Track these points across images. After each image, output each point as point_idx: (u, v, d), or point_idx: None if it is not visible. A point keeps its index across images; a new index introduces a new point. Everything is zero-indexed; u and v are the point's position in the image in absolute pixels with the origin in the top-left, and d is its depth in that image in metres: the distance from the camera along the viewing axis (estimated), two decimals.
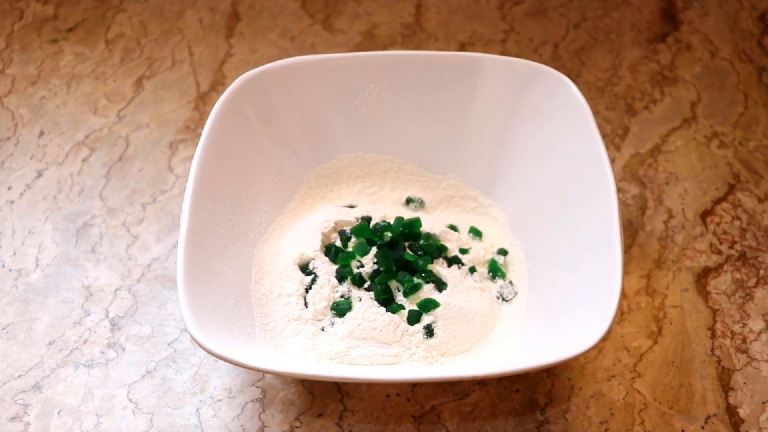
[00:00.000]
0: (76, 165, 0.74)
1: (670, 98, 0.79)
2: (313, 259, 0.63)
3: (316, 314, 0.61)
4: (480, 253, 0.65)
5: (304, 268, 0.63)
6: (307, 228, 0.65)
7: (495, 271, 0.64)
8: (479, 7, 0.86)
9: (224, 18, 0.86)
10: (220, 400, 0.61)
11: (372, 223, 0.65)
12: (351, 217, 0.65)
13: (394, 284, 0.62)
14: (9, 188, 0.73)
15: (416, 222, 0.64)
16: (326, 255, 0.63)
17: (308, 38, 0.84)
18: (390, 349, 0.59)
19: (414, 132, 0.69)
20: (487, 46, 0.83)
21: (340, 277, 0.62)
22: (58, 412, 0.61)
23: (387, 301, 0.61)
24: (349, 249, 0.64)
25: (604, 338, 0.53)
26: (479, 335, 0.61)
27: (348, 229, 0.64)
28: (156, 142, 0.76)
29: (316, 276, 0.62)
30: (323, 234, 0.64)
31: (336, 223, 0.65)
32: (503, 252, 0.65)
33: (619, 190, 0.65)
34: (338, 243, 0.64)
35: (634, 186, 0.72)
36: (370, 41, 0.83)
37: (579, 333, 0.54)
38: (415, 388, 0.61)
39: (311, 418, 0.60)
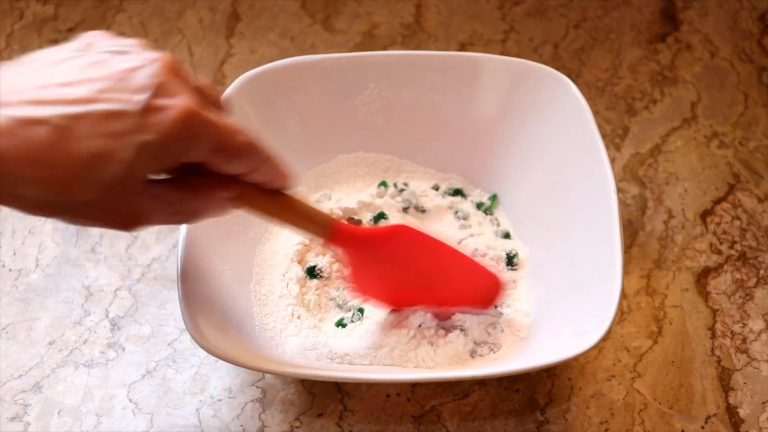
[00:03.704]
0: None
1: (670, 98, 0.79)
2: (315, 257, 0.63)
3: (316, 314, 0.61)
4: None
5: (309, 270, 0.63)
6: None
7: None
8: (479, 7, 0.86)
9: (224, 18, 0.86)
10: (220, 400, 0.61)
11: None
12: (354, 204, 0.66)
13: None
14: None
15: None
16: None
17: (308, 38, 0.84)
18: (390, 350, 0.59)
19: (414, 132, 0.69)
20: (487, 46, 0.83)
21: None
22: (58, 412, 0.61)
23: None
24: None
25: (604, 338, 0.53)
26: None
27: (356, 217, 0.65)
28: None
29: (317, 276, 0.62)
30: None
31: (343, 211, 0.65)
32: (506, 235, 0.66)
33: (619, 190, 0.65)
34: None
35: (634, 186, 0.72)
36: (370, 41, 0.83)
37: (579, 333, 0.54)
38: (415, 388, 0.61)
39: (311, 418, 0.60)
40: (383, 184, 0.68)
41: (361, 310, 0.61)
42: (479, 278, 0.59)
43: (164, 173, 0.46)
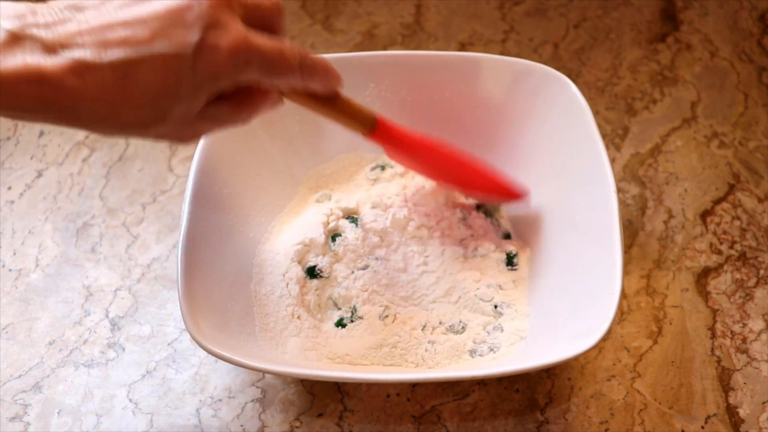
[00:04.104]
0: (76, 165, 0.74)
1: (670, 98, 0.79)
2: (315, 257, 0.63)
3: (316, 314, 0.61)
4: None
5: (309, 270, 0.63)
6: (308, 221, 0.65)
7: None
8: (479, 7, 0.86)
9: None
10: (220, 400, 0.61)
11: None
12: (354, 204, 0.66)
13: None
14: (9, 188, 0.73)
15: None
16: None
17: (308, 38, 0.84)
18: (390, 349, 0.59)
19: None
20: (487, 46, 0.83)
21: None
22: (58, 412, 0.61)
23: None
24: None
25: (604, 338, 0.53)
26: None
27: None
28: (156, 142, 0.76)
29: (317, 276, 0.62)
30: (323, 225, 0.64)
31: (343, 210, 0.65)
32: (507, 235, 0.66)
33: (619, 190, 0.65)
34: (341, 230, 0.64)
35: (634, 186, 0.72)
36: (370, 41, 0.83)
37: (579, 333, 0.54)
38: (415, 388, 0.61)
39: (311, 418, 0.60)
40: (381, 167, 0.68)
41: (355, 310, 0.61)
42: (502, 187, 0.65)
43: None
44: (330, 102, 0.55)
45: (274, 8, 0.48)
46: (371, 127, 0.58)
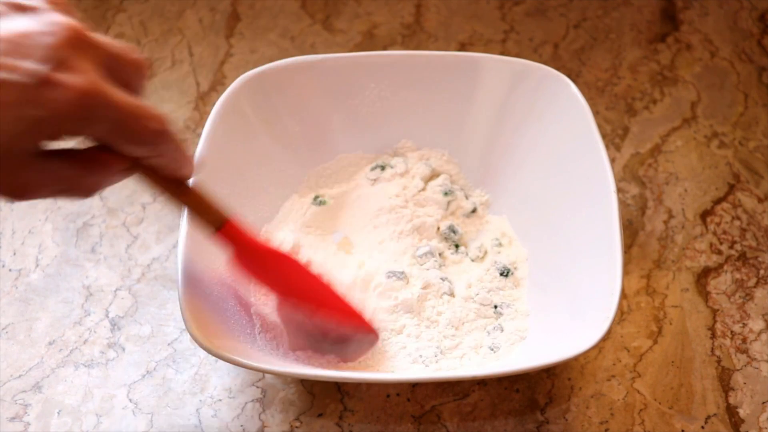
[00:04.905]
0: None
1: (670, 98, 0.79)
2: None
3: None
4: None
5: None
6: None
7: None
8: (479, 7, 0.86)
9: (224, 18, 0.86)
10: (220, 400, 0.61)
11: None
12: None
13: None
14: None
15: None
16: None
17: (308, 38, 0.84)
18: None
19: (414, 132, 0.69)
20: (487, 46, 0.83)
21: None
22: (58, 412, 0.61)
23: None
24: None
25: (604, 338, 0.53)
26: None
27: None
28: None
29: None
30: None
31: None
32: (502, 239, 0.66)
33: (619, 190, 0.65)
34: None
35: (634, 186, 0.72)
36: (370, 41, 0.83)
37: (579, 333, 0.54)
38: (415, 388, 0.61)
39: (311, 418, 0.60)
40: (381, 167, 0.68)
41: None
42: (347, 321, 0.58)
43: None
44: (179, 189, 0.50)
45: (137, 64, 0.43)
46: (221, 223, 0.53)
